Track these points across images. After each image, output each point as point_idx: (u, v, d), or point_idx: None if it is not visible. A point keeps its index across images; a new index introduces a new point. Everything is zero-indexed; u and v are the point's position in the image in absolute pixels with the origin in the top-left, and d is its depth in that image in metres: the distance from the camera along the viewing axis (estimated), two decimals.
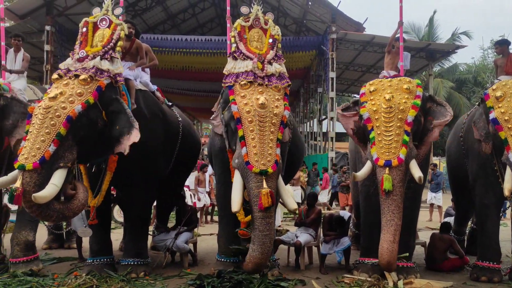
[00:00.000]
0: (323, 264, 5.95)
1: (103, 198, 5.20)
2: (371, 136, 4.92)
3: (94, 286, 4.77)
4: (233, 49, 5.16)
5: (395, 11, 6.17)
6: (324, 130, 19.55)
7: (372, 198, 5.51)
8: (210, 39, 16.97)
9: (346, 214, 6.52)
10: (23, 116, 5.15)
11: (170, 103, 6.48)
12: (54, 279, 5.08)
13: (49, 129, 4.32)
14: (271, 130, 4.64)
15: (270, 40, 5.18)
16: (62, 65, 4.88)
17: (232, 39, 5.20)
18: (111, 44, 4.92)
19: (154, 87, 6.08)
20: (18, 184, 4.11)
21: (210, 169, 14.95)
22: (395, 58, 6.12)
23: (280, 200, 5.08)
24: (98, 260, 5.40)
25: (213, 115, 5.33)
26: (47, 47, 15.19)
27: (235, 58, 5.12)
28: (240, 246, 5.13)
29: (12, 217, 5.94)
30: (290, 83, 5.08)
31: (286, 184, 5.65)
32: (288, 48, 15.91)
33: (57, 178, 4.32)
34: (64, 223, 7.14)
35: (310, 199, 6.55)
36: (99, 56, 4.83)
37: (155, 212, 7.38)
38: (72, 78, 4.67)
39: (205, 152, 23.56)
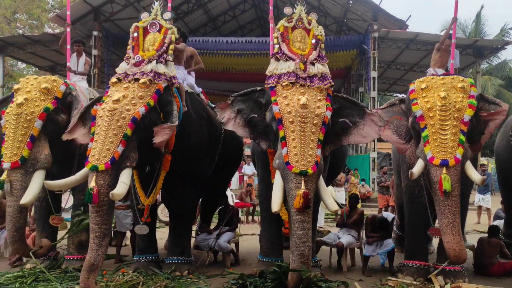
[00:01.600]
0: (366, 266, 5.87)
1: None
2: (424, 134, 4.71)
3: (141, 283, 4.86)
4: (275, 50, 5.16)
5: (439, 8, 5.98)
6: None
7: (417, 200, 5.38)
8: (250, 40, 17.07)
9: (389, 215, 6.39)
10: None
11: (213, 105, 6.60)
12: (103, 275, 5.25)
13: (116, 130, 4.51)
14: (312, 130, 4.59)
15: (313, 41, 5.13)
16: (119, 69, 5.03)
17: (275, 40, 5.19)
18: (164, 48, 5.07)
19: (199, 89, 6.23)
20: (93, 184, 4.30)
21: (249, 170, 15.13)
22: (444, 56, 5.93)
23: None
24: (144, 258, 5.57)
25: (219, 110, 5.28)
26: (94, 52, 15.79)
27: (277, 59, 5.11)
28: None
29: (66, 215, 6.21)
30: (332, 83, 5.02)
31: (328, 185, 5.60)
32: (328, 48, 15.72)
33: (126, 177, 4.52)
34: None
35: (352, 200, 6.48)
36: (155, 60, 4.99)
37: (199, 212, 7.51)
38: (132, 82, 4.84)
39: (246, 152, 23.76)
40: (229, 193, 9.71)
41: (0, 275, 5.15)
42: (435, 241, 6.17)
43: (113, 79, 4.92)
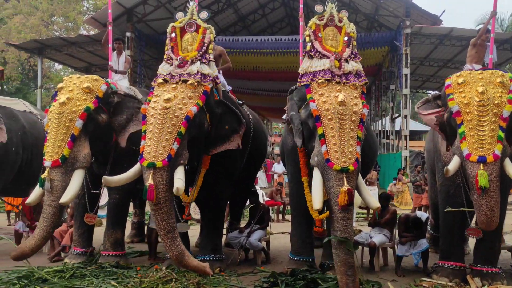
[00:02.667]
0: (399, 266, 5.77)
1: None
2: (460, 130, 4.57)
3: (173, 279, 4.92)
4: (308, 48, 5.13)
5: (473, 2, 5.83)
6: (397, 128, 18.88)
7: (452, 199, 5.25)
8: (280, 38, 17.02)
9: (423, 215, 6.26)
10: (137, 111, 5.52)
11: (241, 102, 6.64)
12: (137, 271, 5.36)
13: (171, 128, 4.63)
14: (351, 127, 4.57)
15: (345, 38, 5.09)
16: (162, 71, 5.12)
17: (307, 38, 5.17)
18: (204, 48, 5.14)
19: (229, 87, 6.28)
20: (150, 181, 4.43)
21: (279, 168, 15.12)
22: (481, 51, 5.76)
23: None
24: None
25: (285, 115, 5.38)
26: (127, 52, 16.10)
27: (311, 57, 5.08)
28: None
29: (101, 212, 6.38)
30: (367, 81, 4.99)
31: None
32: (359, 45, 15.32)
33: (181, 174, 4.65)
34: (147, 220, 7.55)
35: (383, 200, 6.38)
36: (198, 61, 5.06)
37: (228, 209, 7.56)
38: (179, 83, 4.94)
39: (276, 151, 23.75)
40: (259, 191, 9.73)
41: (40, 269, 5.32)
42: (471, 242, 6.01)
43: (159, 80, 5.01)
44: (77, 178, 5.16)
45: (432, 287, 5.03)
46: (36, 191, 5.17)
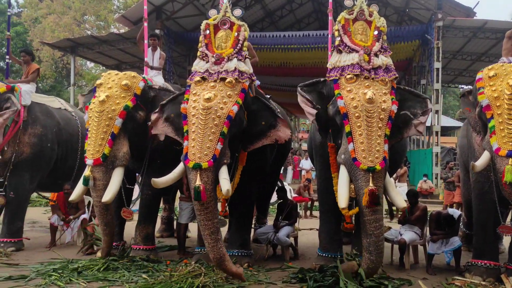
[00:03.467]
0: (430, 264, 5.67)
1: None
2: (490, 124, 4.46)
3: (202, 273, 4.97)
4: (337, 42, 5.07)
5: None
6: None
7: (486, 196, 5.11)
8: (308, 34, 16.89)
9: (456, 212, 6.12)
10: None
11: (268, 96, 6.64)
12: (167, 265, 5.46)
13: (214, 128, 4.61)
14: (379, 125, 4.48)
15: (375, 32, 4.99)
16: (198, 68, 5.08)
17: (336, 33, 5.10)
18: (239, 45, 5.11)
19: (257, 82, 6.28)
20: (198, 182, 4.45)
21: (307, 164, 15.06)
22: None
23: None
24: (205, 250, 5.70)
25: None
26: (159, 49, 16.28)
27: (339, 52, 5.01)
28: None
29: (136, 206, 6.52)
30: (397, 75, 4.87)
31: None
32: (389, 39, 15.02)
33: (226, 174, 4.68)
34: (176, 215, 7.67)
35: (411, 197, 6.26)
36: (235, 58, 5.03)
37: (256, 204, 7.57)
38: (218, 81, 4.91)
39: (304, 147, 23.66)
40: (287, 187, 9.73)
41: (74, 262, 5.48)
42: (506, 240, 5.85)
43: (197, 78, 4.97)
44: (117, 177, 5.28)
45: (464, 286, 4.92)
46: (79, 188, 5.34)
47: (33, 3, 26.92)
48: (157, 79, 6.46)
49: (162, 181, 4.84)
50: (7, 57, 7.76)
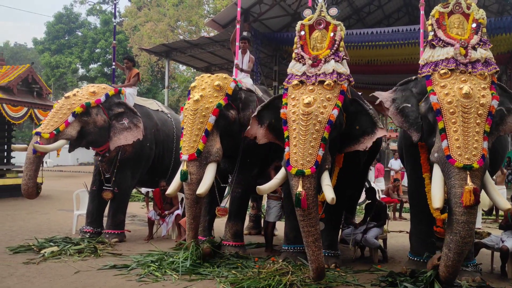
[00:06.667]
0: None
1: None
2: None
3: (290, 272, 5.06)
4: (430, 37, 4.84)
5: None
6: None
7: None
8: (397, 29, 16.19)
9: None
10: (255, 106, 5.87)
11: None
12: (255, 262, 5.61)
13: (315, 134, 4.59)
14: (477, 121, 4.23)
15: (474, 25, 4.70)
16: (295, 70, 5.07)
17: (429, 27, 4.87)
18: (336, 45, 5.05)
19: None
20: (300, 188, 4.48)
21: (396, 165, 14.49)
22: None
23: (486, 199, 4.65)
24: (292, 248, 5.75)
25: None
26: (248, 52, 16.70)
27: (433, 46, 4.79)
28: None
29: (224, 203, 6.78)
30: (498, 69, 4.54)
31: None
32: (488, 31, 14.09)
33: (328, 180, 4.71)
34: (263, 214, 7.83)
35: None
36: (332, 60, 4.99)
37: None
38: (316, 84, 4.90)
39: (393, 147, 22.78)
40: (376, 187, 9.47)
41: (170, 255, 5.83)
42: None
43: (295, 81, 4.98)
44: (211, 171, 5.50)
45: None
46: (175, 183, 5.60)
47: (133, 12, 28.98)
48: (246, 81, 6.66)
49: (266, 187, 4.91)
50: (114, 63, 8.44)
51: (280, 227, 7.03)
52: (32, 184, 6.25)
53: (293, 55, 5.20)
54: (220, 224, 7.40)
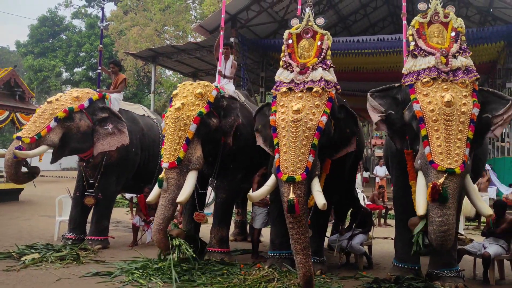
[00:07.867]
0: None
1: None
2: None
3: (276, 278, 5.04)
4: (411, 47, 4.95)
5: None
6: None
7: None
8: (382, 38, 16.45)
9: None
10: (237, 113, 5.90)
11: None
12: (241, 269, 5.57)
13: (305, 141, 4.63)
14: (459, 129, 4.32)
15: (453, 34, 4.81)
16: (283, 78, 5.12)
17: (410, 38, 4.98)
18: (323, 54, 5.13)
19: None
20: (291, 195, 4.46)
21: (381, 171, 14.64)
22: None
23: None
24: (278, 254, 5.75)
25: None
26: (231, 57, 16.75)
27: (414, 56, 4.89)
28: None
29: (207, 210, 6.74)
30: (478, 76, 4.64)
31: None
32: (470, 41, 14.36)
33: (318, 186, 4.71)
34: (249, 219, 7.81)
35: (498, 208, 5.88)
36: (320, 67, 5.06)
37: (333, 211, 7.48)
38: (304, 91, 4.94)
39: (378, 153, 23.01)
40: (360, 194, 9.53)
41: (150, 261, 5.76)
42: None
43: (283, 89, 5.02)
44: (191, 179, 5.48)
45: None
46: (155, 191, 5.57)
47: (119, 16, 28.81)
48: (228, 87, 6.67)
49: (257, 194, 4.93)
50: (99, 67, 8.39)
51: (266, 234, 7.02)
52: (14, 171, 6.32)
53: (281, 63, 5.25)
54: (206, 230, 7.35)
